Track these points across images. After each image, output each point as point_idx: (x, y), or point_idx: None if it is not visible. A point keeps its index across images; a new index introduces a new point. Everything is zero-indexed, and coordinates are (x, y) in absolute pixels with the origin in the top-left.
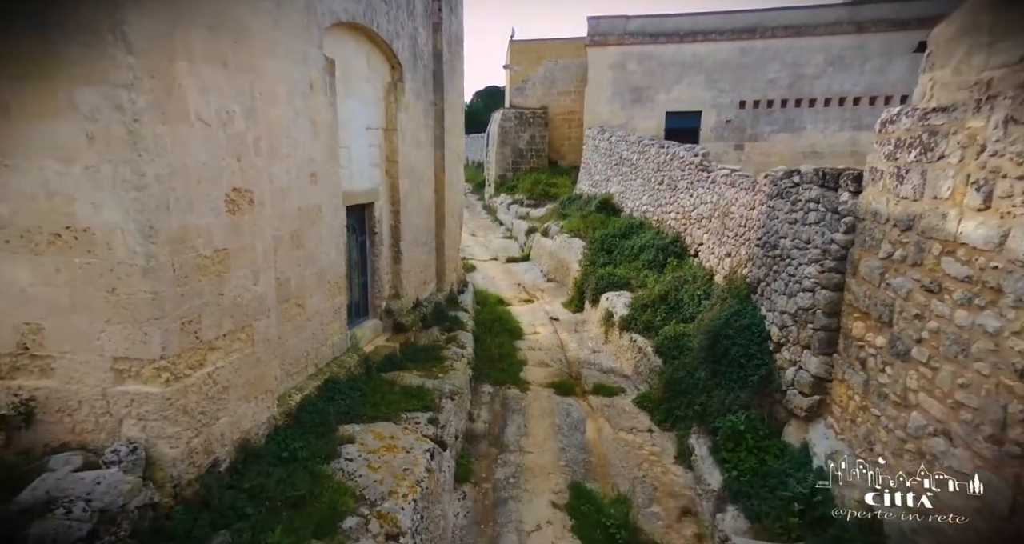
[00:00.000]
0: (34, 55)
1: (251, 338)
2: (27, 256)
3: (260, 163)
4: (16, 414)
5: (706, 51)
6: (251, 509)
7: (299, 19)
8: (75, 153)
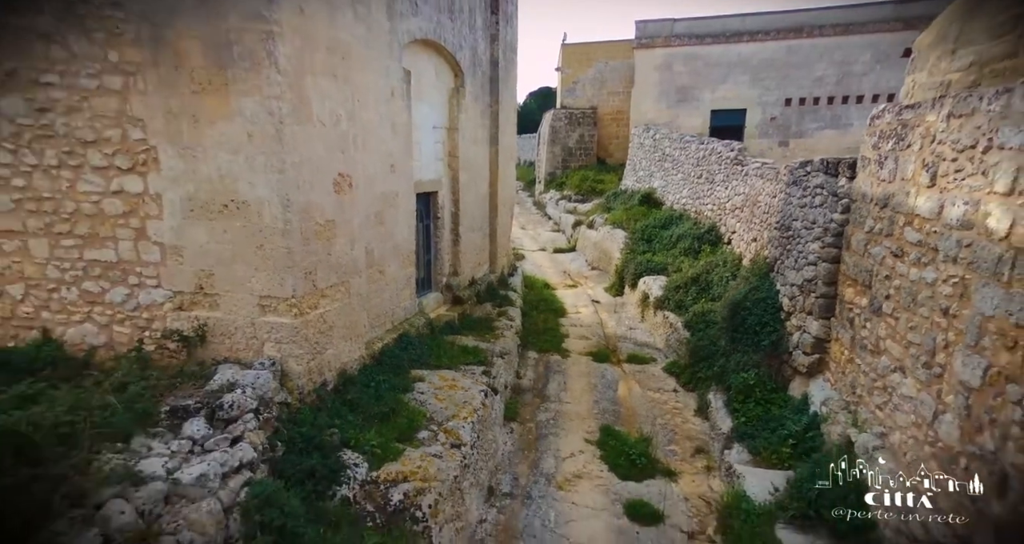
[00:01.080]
0: (212, 77)
1: (348, 292)
2: (205, 221)
3: (356, 155)
4: (195, 335)
5: (752, 50)
6: (351, 416)
7: (384, 39)
8: (239, 147)
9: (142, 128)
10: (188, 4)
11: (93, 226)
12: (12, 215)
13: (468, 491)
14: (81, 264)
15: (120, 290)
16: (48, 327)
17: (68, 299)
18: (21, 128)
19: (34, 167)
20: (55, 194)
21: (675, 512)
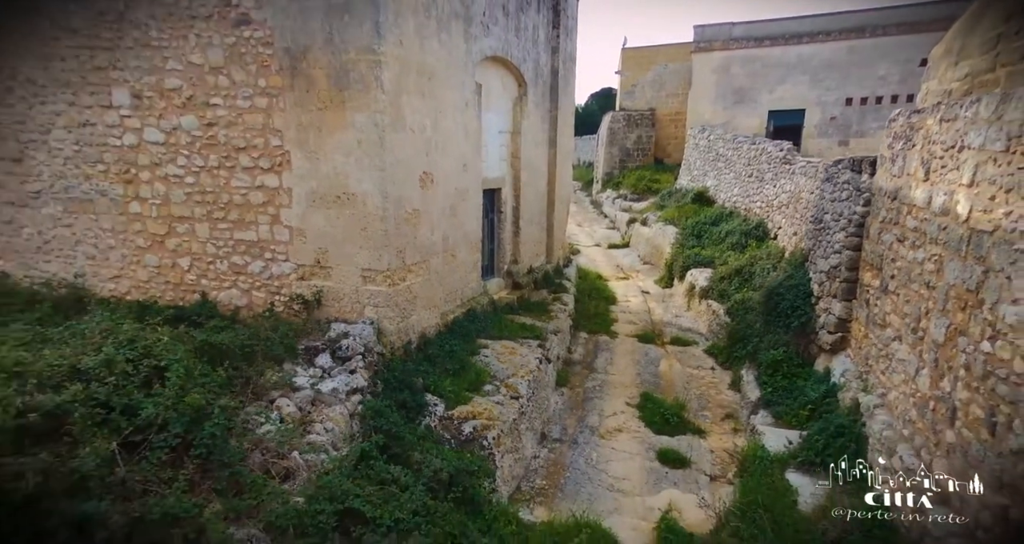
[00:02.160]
0: (333, 97)
1: (428, 269)
2: (323, 209)
3: (437, 157)
4: (313, 299)
5: (811, 51)
6: (431, 369)
7: (461, 59)
8: (351, 151)
9: (280, 137)
10: (319, 43)
11: (241, 213)
12: (184, 205)
13: (524, 433)
14: (231, 243)
15: (258, 263)
16: (206, 291)
17: (220, 270)
18: (194, 138)
19: (201, 168)
20: (215, 188)
21: (701, 460)
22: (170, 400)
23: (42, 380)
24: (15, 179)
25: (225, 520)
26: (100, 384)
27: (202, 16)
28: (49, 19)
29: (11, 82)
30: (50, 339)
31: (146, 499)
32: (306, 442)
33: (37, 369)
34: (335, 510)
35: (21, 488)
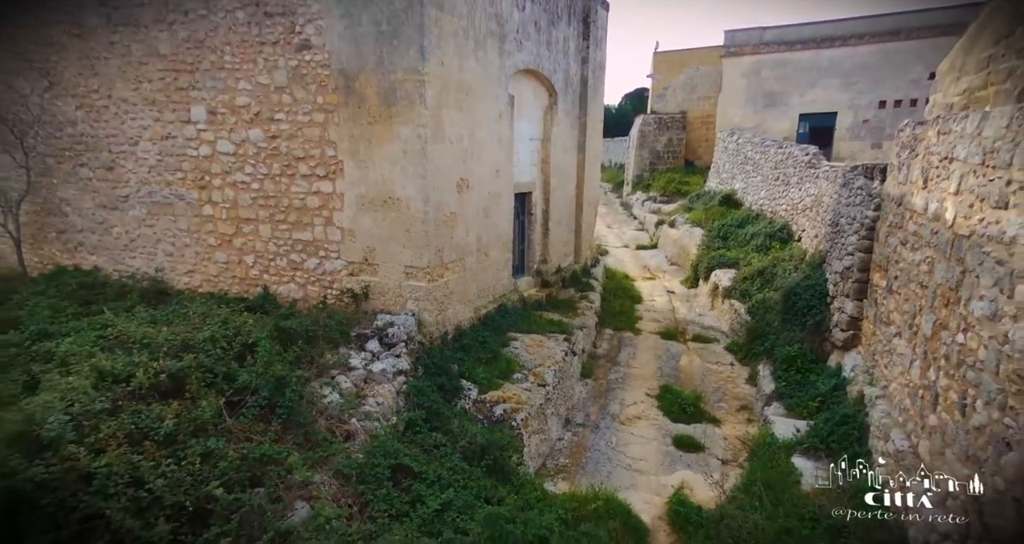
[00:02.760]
0: (381, 112)
1: (463, 267)
2: (371, 212)
3: (472, 164)
4: (361, 293)
5: (844, 55)
6: (465, 357)
7: (496, 74)
8: (396, 160)
9: (334, 148)
10: (371, 65)
11: (299, 216)
12: (250, 208)
13: (550, 417)
14: (290, 242)
15: (313, 260)
16: (267, 285)
17: (280, 266)
18: (260, 149)
19: (265, 175)
20: (277, 194)
21: (714, 446)
22: (259, 370)
23: (164, 350)
24: (107, 185)
25: (304, 466)
26: (206, 355)
27: (270, 42)
28: (144, 45)
29: (107, 101)
30: (161, 320)
31: (248, 444)
32: (362, 411)
33: (159, 342)
34: (388, 464)
35: (162, 427)
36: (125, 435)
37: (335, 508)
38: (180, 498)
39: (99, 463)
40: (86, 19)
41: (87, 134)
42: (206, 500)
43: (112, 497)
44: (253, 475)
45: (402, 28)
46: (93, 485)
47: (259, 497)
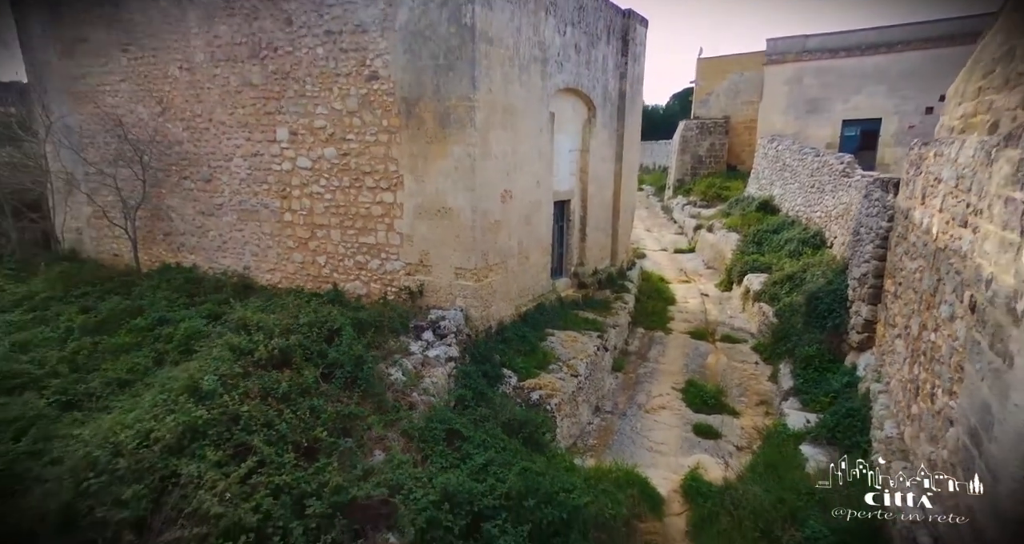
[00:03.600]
0: (437, 133)
1: (506, 269)
2: (426, 220)
3: (515, 177)
4: (416, 290)
5: (889, 61)
6: (507, 348)
7: (538, 95)
8: (448, 175)
9: (396, 164)
10: (429, 92)
11: (364, 222)
12: (323, 215)
13: (581, 404)
14: (356, 245)
15: (376, 261)
16: (336, 282)
17: (347, 266)
18: (332, 165)
19: (336, 187)
20: (346, 203)
21: (731, 434)
22: (344, 350)
23: (275, 332)
24: (206, 195)
25: (380, 424)
26: (304, 337)
27: (344, 74)
28: (239, 77)
29: (208, 124)
30: (268, 309)
31: (339, 404)
32: (421, 388)
33: (270, 325)
34: (443, 428)
35: (280, 388)
36: (256, 392)
37: (404, 456)
38: (298, 437)
39: (243, 409)
40: (194, 56)
41: (191, 151)
42: (314, 441)
43: (254, 433)
44: (344, 427)
45: (456, 62)
46: (240, 424)
47: (349, 442)
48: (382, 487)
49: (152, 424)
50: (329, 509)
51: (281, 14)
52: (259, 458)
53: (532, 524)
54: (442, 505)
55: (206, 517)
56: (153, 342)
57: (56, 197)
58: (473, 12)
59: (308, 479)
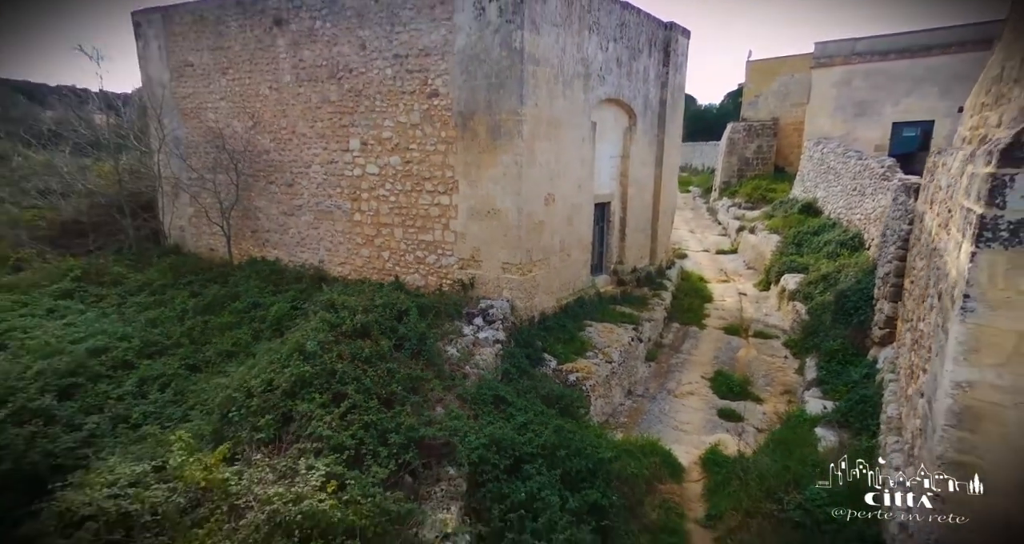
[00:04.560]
0: (488, 144)
1: (548, 265)
2: (477, 220)
3: (558, 182)
4: (468, 283)
5: (942, 63)
6: (548, 336)
7: (581, 107)
8: (498, 180)
9: (452, 171)
10: (482, 108)
11: (423, 222)
12: (388, 215)
13: (614, 387)
14: (416, 242)
15: (433, 256)
16: (398, 275)
17: (408, 260)
18: (397, 171)
19: (400, 191)
20: (408, 205)
21: (753, 418)
22: (411, 327)
23: (355, 310)
24: (288, 197)
25: (440, 387)
26: (379, 315)
27: (408, 91)
28: (319, 95)
29: (291, 135)
30: (349, 293)
31: (408, 369)
32: (472, 362)
33: (352, 305)
34: (491, 394)
35: (363, 353)
36: (346, 354)
37: (460, 412)
38: (379, 390)
39: (338, 366)
40: (282, 77)
41: (276, 160)
42: (391, 394)
43: (347, 384)
44: (412, 386)
45: (506, 80)
46: (336, 377)
47: (417, 398)
48: (444, 431)
49: (272, 375)
50: (405, 441)
51: (357, 40)
52: (352, 403)
53: (563, 470)
54: (490, 448)
55: (320, 438)
56: (249, 322)
57: (165, 199)
58: (522, 37)
59: (388, 420)
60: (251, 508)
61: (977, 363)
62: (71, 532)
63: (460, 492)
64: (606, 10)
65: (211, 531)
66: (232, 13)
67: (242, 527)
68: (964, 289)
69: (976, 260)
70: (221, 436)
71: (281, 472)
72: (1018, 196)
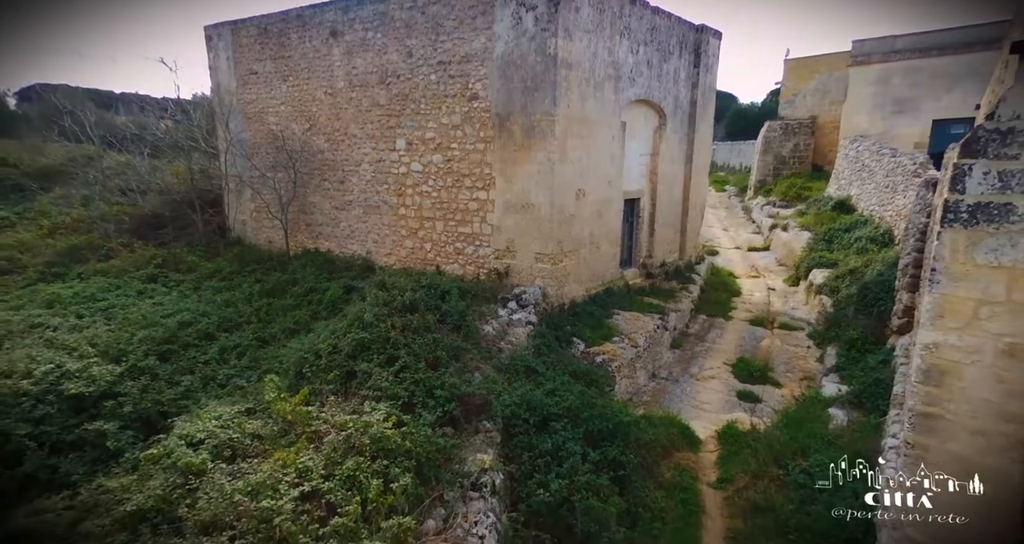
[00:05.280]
0: (523, 142)
1: (578, 256)
2: (512, 214)
3: (588, 178)
4: (503, 271)
5: (984, 59)
6: (577, 321)
7: (611, 108)
8: (532, 176)
9: (490, 168)
10: (517, 109)
11: (463, 216)
12: (430, 210)
13: (638, 369)
14: (456, 234)
15: (471, 247)
16: (439, 264)
17: (448, 252)
18: (439, 169)
19: (441, 187)
20: (448, 200)
21: (770, 400)
22: (452, 305)
23: (404, 289)
24: (340, 193)
25: (479, 357)
26: (425, 294)
27: (450, 95)
28: (370, 99)
29: (343, 136)
30: (398, 276)
31: (450, 339)
32: (506, 340)
33: (401, 285)
34: (523, 366)
35: (412, 324)
36: (398, 325)
37: (496, 376)
38: (426, 355)
39: (391, 334)
40: (337, 83)
41: (330, 159)
42: (436, 359)
43: (399, 349)
44: (455, 354)
45: (541, 84)
46: (390, 343)
47: (458, 364)
48: (482, 390)
49: (337, 341)
50: (449, 396)
51: (404, 49)
52: (403, 363)
53: (585, 429)
54: (521, 406)
55: (378, 388)
56: (308, 304)
57: (229, 196)
58: (556, 44)
59: (434, 379)
60: (329, 433)
61: (941, 327)
62: (193, 450)
63: (495, 442)
64: (637, 15)
65: (300, 449)
66: (293, 26)
67: (325, 445)
68: (932, 264)
69: (941, 238)
70: (296, 388)
71: (351, 411)
72: (975, 183)
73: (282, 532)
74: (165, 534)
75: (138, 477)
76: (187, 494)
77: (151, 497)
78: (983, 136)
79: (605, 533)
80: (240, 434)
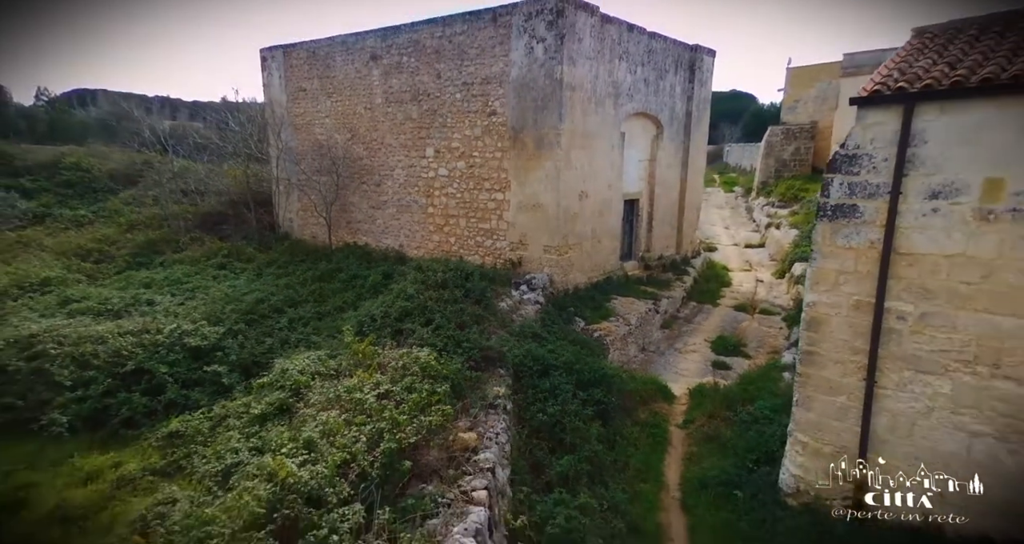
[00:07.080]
0: (533, 152)
1: (581, 249)
2: (524, 213)
3: (590, 182)
4: (516, 262)
5: None
6: (579, 304)
7: (611, 121)
8: (542, 180)
9: (506, 173)
10: (529, 124)
11: (482, 214)
12: (454, 209)
13: (630, 344)
14: (476, 229)
15: (490, 241)
16: (462, 256)
17: (470, 245)
18: (463, 174)
19: (464, 189)
20: (470, 201)
21: (739, 369)
22: (475, 283)
23: (436, 271)
24: (376, 195)
25: (495, 323)
26: (453, 276)
27: (473, 111)
28: (403, 113)
29: (380, 146)
30: (432, 261)
31: (473, 310)
32: (518, 314)
33: (434, 268)
34: (531, 332)
35: (444, 297)
36: (433, 297)
37: (509, 338)
38: (455, 319)
39: (428, 304)
40: (375, 100)
41: (368, 165)
42: (462, 323)
43: (434, 314)
44: (476, 321)
45: (549, 103)
46: (427, 310)
47: (480, 327)
48: (498, 345)
49: (386, 309)
50: (472, 347)
51: (434, 71)
52: (437, 324)
53: (577, 377)
54: (527, 357)
55: (420, 339)
56: (353, 287)
57: (279, 197)
58: (562, 70)
59: (462, 336)
60: (389, 364)
61: (817, 290)
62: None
63: (507, 382)
64: (635, 41)
65: (371, 372)
66: (338, 50)
67: (388, 369)
68: (812, 246)
69: (816, 228)
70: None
71: (403, 352)
72: (835, 190)
73: (371, 408)
74: (290, 416)
75: (254, 397)
76: (299, 400)
77: (272, 403)
78: (838, 158)
79: (587, 445)
80: (325, 368)
